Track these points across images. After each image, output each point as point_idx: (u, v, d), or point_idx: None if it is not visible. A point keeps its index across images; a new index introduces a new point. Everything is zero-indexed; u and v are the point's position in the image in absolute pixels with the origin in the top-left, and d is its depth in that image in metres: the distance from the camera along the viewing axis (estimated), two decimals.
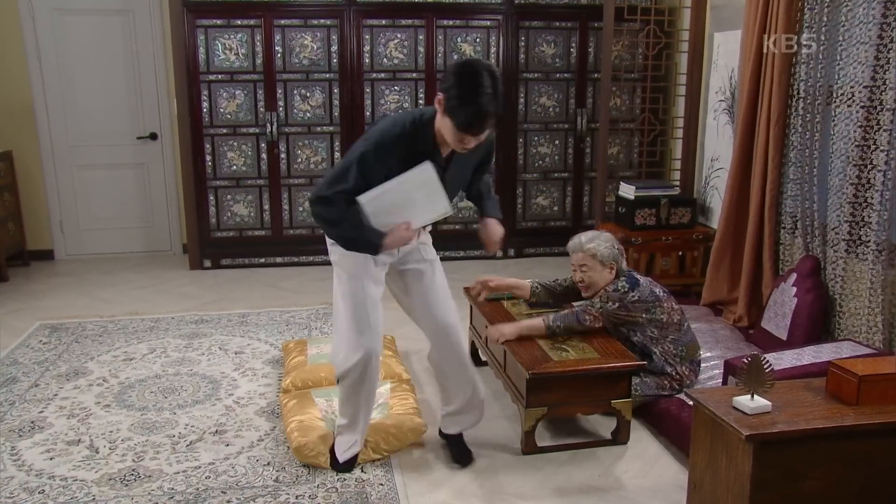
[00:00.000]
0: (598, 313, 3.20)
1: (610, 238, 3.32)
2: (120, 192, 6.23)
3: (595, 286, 3.31)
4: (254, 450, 3.06)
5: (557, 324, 3.20)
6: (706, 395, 2.48)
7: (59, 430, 3.23)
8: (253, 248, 5.89)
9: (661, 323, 3.25)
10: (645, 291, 3.22)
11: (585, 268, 3.30)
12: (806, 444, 2.26)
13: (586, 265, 3.29)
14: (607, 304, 3.20)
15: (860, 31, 3.40)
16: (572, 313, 3.22)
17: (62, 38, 5.88)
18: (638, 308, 3.20)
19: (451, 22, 5.72)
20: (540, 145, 6.06)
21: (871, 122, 3.36)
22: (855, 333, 3.48)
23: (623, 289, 3.20)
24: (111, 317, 4.75)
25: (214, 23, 5.50)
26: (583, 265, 3.30)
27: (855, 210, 3.47)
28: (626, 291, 3.20)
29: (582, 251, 3.29)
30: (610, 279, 3.28)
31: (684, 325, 3.33)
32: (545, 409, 3.01)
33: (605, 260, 3.26)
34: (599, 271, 3.28)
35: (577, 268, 3.33)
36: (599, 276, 3.29)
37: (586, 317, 3.20)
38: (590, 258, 3.27)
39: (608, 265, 3.27)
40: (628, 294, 3.20)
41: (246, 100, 5.65)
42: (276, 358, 4.04)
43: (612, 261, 3.27)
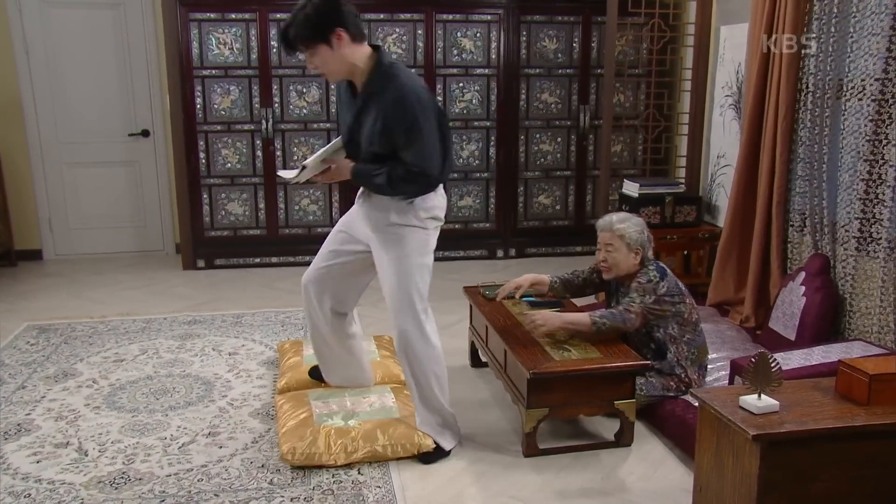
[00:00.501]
0: (640, 310, 3.11)
1: (641, 223, 3.24)
2: (111, 190, 6.13)
3: (617, 268, 3.23)
4: (248, 452, 3.00)
5: (604, 321, 3.09)
6: (712, 394, 2.46)
7: (46, 432, 3.15)
8: (248, 248, 5.81)
9: (682, 319, 3.19)
10: (672, 282, 3.17)
11: (611, 248, 3.22)
12: (815, 444, 2.22)
13: (612, 245, 3.21)
14: (644, 297, 3.12)
15: (871, 22, 3.34)
16: (618, 312, 3.12)
17: (51, 31, 5.78)
18: (667, 302, 3.13)
19: (451, 16, 5.64)
20: (542, 143, 5.98)
21: (882, 116, 3.30)
22: (866, 333, 3.42)
23: (655, 278, 3.13)
24: (102, 318, 4.66)
25: (208, 16, 5.42)
26: (609, 245, 3.23)
27: (866, 207, 3.41)
28: (657, 281, 3.13)
29: (610, 230, 3.22)
30: (633, 265, 3.20)
31: (699, 326, 3.27)
32: (547, 410, 2.95)
33: (631, 243, 3.18)
34: (624, 254, 3.20)
35: (603, 247, 3.25)
36: (623, 259, 3.21)
37: (631, 315, 3.10)
38: (617, 238, 3.19)
39: (634, 249, 3.19)
40: (659, 284, 3.13)
41: (241, 96, 5.56)
42: (271, 359, 3.96)
43: (639, 246, 3.19)
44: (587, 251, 6.03)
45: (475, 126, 5.84)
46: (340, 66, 2.72)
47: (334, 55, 2.68)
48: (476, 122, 5.84)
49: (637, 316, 3.11)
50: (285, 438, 2.93)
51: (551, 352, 3.02)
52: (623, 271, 3.23)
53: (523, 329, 3.26)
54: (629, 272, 3.22)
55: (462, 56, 5.72)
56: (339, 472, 2.85)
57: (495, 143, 5.89)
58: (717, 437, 2.36)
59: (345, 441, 2.90)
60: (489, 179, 5.96)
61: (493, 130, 5.86)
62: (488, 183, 5.96)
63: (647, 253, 3.23)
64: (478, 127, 5.84)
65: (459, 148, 5.85)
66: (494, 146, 5.90)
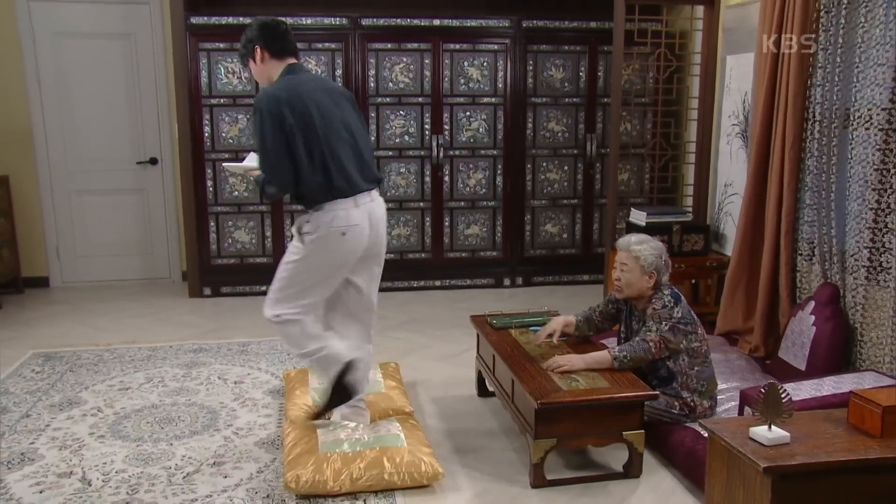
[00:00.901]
0: (657, 338, 3.11)
1: (660, 248, 3.24)
2: (118, 217, 6.16)
3: (629, 288, 3.23)
4: (253, 482, 2.97)
5: (624, 354, 3.11)
6: (721, 425, 2.43)
7: (50, 461, 3.13)
8: (254, 276, 5.79)
9: (693, 351, 3.17)
10: (685, 309, 3.16)
11: (625, 267, 3.22)
12: (827, 477, 2.19)
13: (627, 265, 3.22)
14: (661, 324, 3.11)
15: (877, 52, 3.34)
16: (636, 343, 3.12)
17: (63, 61, 5.86)
18: (681, 331, 3.12)
19: (458, 46, 5.69)
20: (548, 171, 5.99)
21: (890, 145, 3.30)
22: (878, 364, 3.37)
23: (669, 304, 3.13)
24: (107, 345, 4.65)
25: (217, 46, 5.47)
26: (624, 264, 3.23)
27: (875, 236, 3.38)
28: (672, 307, 3.13)
29: (627, 250, 3.23)
30: (646, 287, 3.20)
31: (708, 358, 3.25)
32: (555, 440, 2.92)
33: (646, 265, 3.17)
34: (637, 275, 3.20)
35: (618, 265, 3.26)
36: (637, 280, 3.20)
37: (648, 344, 3.11)
38: (632, 259, 3.19)
39: (648, 272, 3.18)
40: (674, 309, 3.12)
41: (248, 124, 5.59)
42: (277, 388, 3.94)
43: (654, 269, 3.18)
44: (594, 279, 6.01)
45: (482, 155, 5.86)
46: (261, 77, 3.13)
47: (256, 68, 3.10)
48: (483, 151, 5.86)
49: (654, 344, 3.10)
50: (290, 466, 2.90)
51: (559, 381, 2.99)
52: (634, 292, 3.23)
53: (531, 358, 3.24)
54: (641, 294, 3.22)
55: (469, 85, 5.75)
56: (344, 503, 2.82)
57: (502, 171, 5.90)
58: (727, 468, 2.33)
59: (350, 469, 2.87)
60: (496, 208, 5.96)
61: (499, 159, 5.88)
62: (495, 211, 5.97)
63: (662, 278, 3.21)
64: (485, 155, 5.86)
65: (466, 176, 5.86)
66: (501, 175, 5.91)
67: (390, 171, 5.78)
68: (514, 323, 3.70)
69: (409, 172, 5.80)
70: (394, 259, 5.88)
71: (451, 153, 5.82)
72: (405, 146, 5.77)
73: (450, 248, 5.96)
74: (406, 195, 5.83)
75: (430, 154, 5.79)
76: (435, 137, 5.76)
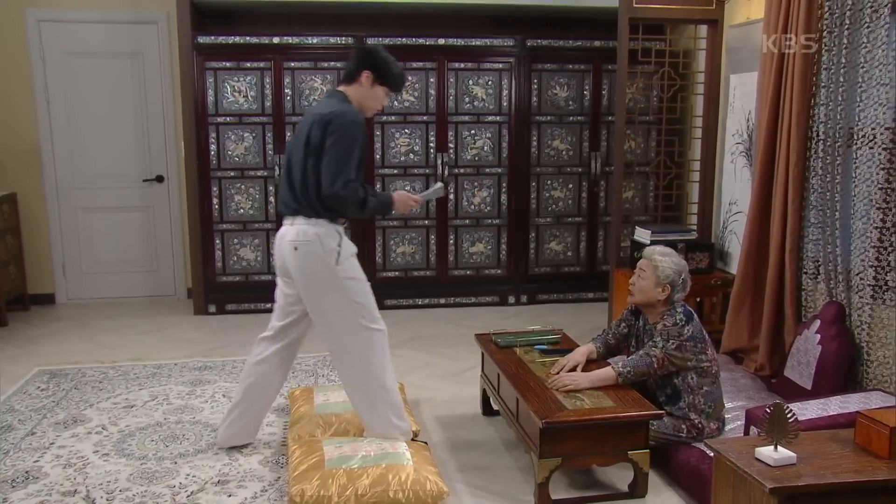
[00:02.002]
0: (662, 355, 3.11)
1: (682, 265, 3.25)
2: (124, 235, 6.18)
3: (640, 294, 3.26)
4: (257, 501, 2.97)
5: (627, 370, 3.13)
6: (727, 445, 2.42)
7: (54, 480, 3.13)
8: (259, 293, 5.80)
9: (703, 371, 3.17)
10: (697, 328, 3.17)
11: (643, 275, 3.25)
12: (834, 498, 2.19)
13: (644, 272, 3.25)
14: (668, 342, 3.12)
15: (879, 73, 3.35)
16: (640, 357, 3.14)
17: (72, 80, 5.90)
18: (689, 350, 3.12)
19: (463, 65, 5.72)
20: (553, 189, 6.00)
21: (894, 164, 3.30)
22: (884, 383, 3.35)
23: (681, 322, 3.14)
24: (112, 363, 4.65)
25: (224, 65, 5.51)
26: (642, 270, 3.26)
27: (880, 254, 3.38)
28: (682, 325, 3.13)
29: (649, 259, 3.26)
30: (657, 299, 3.22)
31: (718, 379, 3.25)
32: (559, 459, 2.91)
33: (661, 278, 3.19)
34: (651, 284, 3.21)
35: (637, 271, 3.29)
36: (648, 288, 3.22)
37: (651, 359, 3.12)
38: (651, 268, 3.22)
39: (662, 285, 3.20)
40: (685, 328, 3.13)
41: (254, 142, 5.62)
42: (282, 406, 3.93)
43: (668, 283, 3.20)
44: (599, 297, 6.00)
45: (487, 173, 5.88)
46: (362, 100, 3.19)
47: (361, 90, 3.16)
48: (488, 169, 5.88)
49: (657, 360, 3.10)
50: (295, 482, 2.88)
51: (564, 401, 2.99)
52: (644, 299, 3.25)
53: (536, 377, 3.24)
54: (650, 302, 3.24)
55: (474, 104, 5.78)
56: None
57: (507, 189, 5.91)
58: (733, 489, 2.31)
59: (356, 486, 2.86)
60: (500, 226, 5.97)
61: (504, 177, 5.90)
62: (500, 229, 5.97)
63: (676, 294, 3.22)
64: (489, 174, 5.88)
65: (471, 194, 5.88)
66: (506, 192, 5.92)
67: (395, 188, 5.80)
68: (519, 341, 3.70)
69: (414, 190, 5.82)
70: (398, 276, 5.89)
71: (455, 171, 5.84)
72: (410, 164, 5.79)
73: (454, 266, 5.96)
74: (411, 213, 5.82)
75: (435, 172, 5.80)
76: (440, 155, 5.78)
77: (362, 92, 3.11)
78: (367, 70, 3.08)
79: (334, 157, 2.97)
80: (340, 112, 3.01)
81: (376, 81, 3.10)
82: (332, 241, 3.06)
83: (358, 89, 3.11)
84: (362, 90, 3.10)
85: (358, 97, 3.11)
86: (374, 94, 3.12)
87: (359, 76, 3.09)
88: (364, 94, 3.11)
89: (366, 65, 3.09)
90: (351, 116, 3.02)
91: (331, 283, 3.07)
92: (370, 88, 3.10)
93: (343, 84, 3.16)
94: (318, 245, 3.05)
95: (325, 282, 3.08)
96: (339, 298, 3.09)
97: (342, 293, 3.08)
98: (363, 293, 3.14)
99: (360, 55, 3.14)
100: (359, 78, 3.09)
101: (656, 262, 3.22)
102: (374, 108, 3.19)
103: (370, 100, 3.13)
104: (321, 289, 3.10)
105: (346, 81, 3.15)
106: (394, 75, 3.13)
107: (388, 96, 3.20)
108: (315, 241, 3.05)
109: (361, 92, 3.11)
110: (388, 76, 3.11)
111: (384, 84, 3.12)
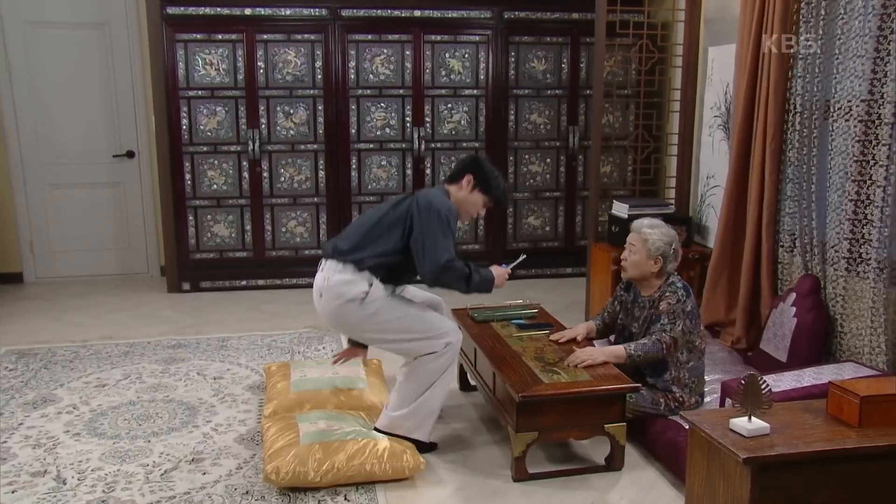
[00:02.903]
0: (670, 340, 3.12)
1: (672, 236, 3.24)
2: (94, 212, 6.06)
3: (633, 268, 3.25)
4: (232, 478, 2.94)
5: (638, 353, 3.12)
6: (702, 417, 2.44)
7: (23, 460, 3.08)
8: (234, 271, 5.75)
9: (692, 346, 3.20)
10: (693, 304, 3.19)
11: (633, 249, 3.24)
12: (806, 467, 2.21)
13: (634, 246, 3.24)
14: (675, 324, 3.12)
15: (857, 44, 3.34)
16: (651, 343, 3.13)
17: (34, 51, 5.73)
18: (688, 330, 3.14)
19: (439, 37, 5.64)
20: (531, 164, 5.96)
21: (869, 136, 3.30)
22: (857, 355, 3.38)
23: (683, 298, 3.15)
24: (83, 342, 4.58)
25: (194, 37, 5.39)
26: (632, 245, 3.26)
27: (855, 227, 3.39)
28: (684, 300, 3.15)
29: (638, 233, 3.24)
30: (649, 272, 3.22)
31: (703, 355, 3.28)
32: (536, 433, 2.91)
33: (653, 250, 3.18)
34: (643, 258, 3.21)
35: (628, 246, 3.28)
36: (640, 262, 3.22)
37: (662, 346, 3.12)
38: (641, 241, 3.21)
39: (654, 257, 3.20)
40: (686, 303, 3.15)
41: (227, 117, 5.52)
42: (257, 383, 3.90)
43: (660, 255, 3.19)
44: (577, 273, 6.00)
45: (463, 147, 5.83)
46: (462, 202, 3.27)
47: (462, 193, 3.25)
48: (464, 143, 5.83)
49: (666, 346, 3.12)
50: (270, 459, 2.88)
51: (540, 375, 2.98)
52: (638, 273, 3.24)
53: (513, 351, 3.23)
54: (643, 276, 3.24)
55: (450, 77, 5.71)
56: (325, 499, 2.80)
57: None
58: (707, 460, 2.33)
59: (332, 459, 2.86)
60: None
61: (481, 151, 5.85)
62: None
63: (669, 266, 3.23)
64: (466, 148, 5.83)
65: (448, 169, 5.83)
66: None
67: (371, 164, 5.74)
68: (496, 316, 3.69)
69: (391, 165, 5.76)
70: None
71: (432, 146, 5.78)
72: (386, 139, 5.72)
73: None
74: (387, 188, 5.78)
75: (412, 147, 5.75)
76: (416, 130, 5.72)
77: (462, 194, 3.20)
78: (470, 175, 3.19)
79: (437, 234, 3.04)
80: (439, 198, 3.11)
81: (476, 187, 3.19)
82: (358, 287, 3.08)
83: (458, 191, 3.20)
84: (462, 192, 3.20)
85: (458, 198, 3.20)
86: (473, 199, 3.20)
87: (461, 178, 3.20)
88: (463, 197, 3.20)
89: (470, 170, 3.21)
90: (450, 204, 3.12)
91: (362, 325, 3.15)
92: (469, 193, 3.19)
93: (447, 182, 3.27)
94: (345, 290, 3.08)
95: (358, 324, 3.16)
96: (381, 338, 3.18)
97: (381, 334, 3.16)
98: (404, 326, 3.13)
99: (467, 160, 3.28)
100: (461, 180, 3.19)
101: (645, 235, 3.20)
102: (470, 214, 3.27)
103: (468, 204, 3.21)
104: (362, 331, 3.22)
105: (450, 181, 3.26)
106: (494, 186, 3.22)
107: (486, 207, 3.28)
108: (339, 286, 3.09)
109: (461, 194, 3.20)
110: (489, 186, 3.20)
111: (484, 193, 3.21)
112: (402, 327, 3.11)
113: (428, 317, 3.18)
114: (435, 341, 3.11)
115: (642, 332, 3.24)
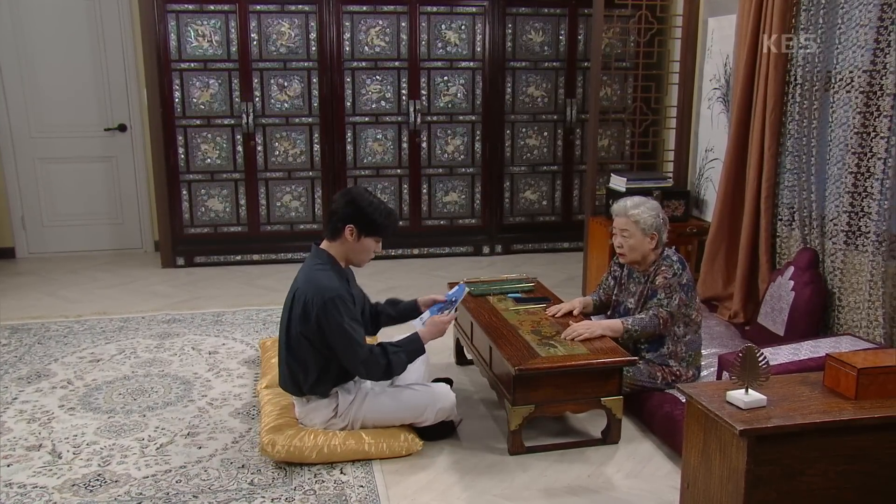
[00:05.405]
0: (667, 315, 3.12)
1: (656, 207, 3.23)
2: (87, 186, 6.01)
3: (633, 253, 3.22)
4: (227, 452, 2.94)
5: (635, 328, 3.12)
6: (699, 389, 2.43)
7: (18, 435, 3.07)
8: (228, 245, 5.71)
9: (689, 320, 3.20)
10: (689, 275, 3.19)
11: (627, 234, 3.21)
12: (803, 439, 2.20)
13: (627, 231, 3.20)
14: (672, 299, 3.12)
15: (859, 13, 3.30)
16: (648, 319, 3.12)
17: (21, 21, 5.64)
18: (684, 303, 3.13)
19: (435, 8, 5.57)
20: (528, 137, 5.92)
21: (870, 108, 3.26)
22: (855, 328, 3.37)
23: (678, 271, 3.14)
24: (77, 317, 4.56)
25: (186, 8, 5.31)
26: (624, 230, 3.22)
27: (854, 200, 3.36)
28: (680, 274, 3.14)
29: (625, 216, 3.20)
30: (649, 249, 3.20)
31: (700, 329, 3.27)
32: (532, 407, 2.91)
33: (647, 228, 3.16)
34: (640, 239, 3.18)
35: (619, 232, 3.24)
36: (639, 244, 3.20)
37: (659, 321, 3.13)
38: (632, 224, 3.18)
39: (650, 234, 3.18)
40: (682, 276, 3.14)
41: (220, 89, 5.46)
42: (252, 358, 3.89)
43: (655, 230, 3.18)
44: (574, 247, 5.98)
45: (460, 120, 5.77)
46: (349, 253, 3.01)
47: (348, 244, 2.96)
48: (461, 117, 5.77)
49: (663, 321, 3.12)
50: (267, 433, 2.88)
51: (537, 348, 2.97)
52: (639, 256, 3.22)
53: (509, 325, 3.21)
54: (645, 256, 3.22)
55: (447, 49, 5.64)
56: (321, 472, 2.80)
57: (481, 137, 5.82)
58: (704, 432, 2.33)
59: (328, 437, 2.86)
60: (474, 174, 5.89)
61: (478, 125, 5.80)
62: (474, 178, 5.90)
63: (663, 237, 3.21)
64: (463, 121, 5.78)
65: (444, 143, 5.78)
66: (480, 141, 5.83)
67: (366, 137, 5.68)
68: (492, 290, 3.67)
69: (386, 139, 5.71)
70: None
71: (428, 119, 5.73)
72: (381, 112, 5.67)
73: (428, 216, 5.90)
74: (383, 162, 5.74)
75: (408, 120, 5.69)
76: (412, 103, 5.66)
77: (348, 246, 2.90)
78: (350, 224, 2.85)
79: (342, 335, 2.79)
80: (320, 286, 2.79)
81: (361, 234, 2.88)
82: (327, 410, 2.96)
83: (343, 245, 2.90)
84: (348, 244, 2.89)
85: (344, 251, 2.91)
86: (363, 246, 2.90)
87: (342, 232, 2.87)
88: (350, 248, 2.90)
89: (349, 220, 2.84)
90: (334, 286, 2.81)
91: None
92: (356, 242, 2.89)
93: (326, 240, 2.93)
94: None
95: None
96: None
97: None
98: (389, 418, 3.00)
99: (339, 208, 2.88)
100: (342, 234, 2.87)
101: (634, 216, 3.17)
102: (364, 260, 2.97)
103: (359, 253, 2.93)
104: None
105: (329, 237, 2.92)
106: (380, 225, 2.89)
107: (379, 243, 2.96)
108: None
109: (347, 247, 2.90)
110: (374, 226, 2.88)
111: (372, 235, 2.90)
112: (389, 419, 2.98)
113: (411, 400, 2.99)
114: (426, 414, 2.99)
115: (638, 308, 3.22)
